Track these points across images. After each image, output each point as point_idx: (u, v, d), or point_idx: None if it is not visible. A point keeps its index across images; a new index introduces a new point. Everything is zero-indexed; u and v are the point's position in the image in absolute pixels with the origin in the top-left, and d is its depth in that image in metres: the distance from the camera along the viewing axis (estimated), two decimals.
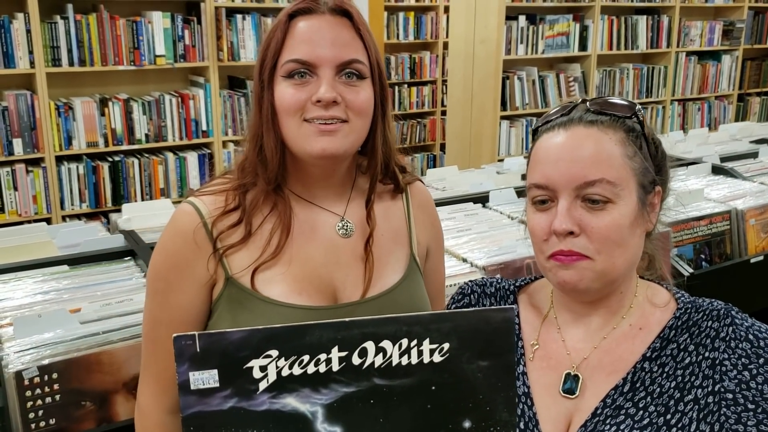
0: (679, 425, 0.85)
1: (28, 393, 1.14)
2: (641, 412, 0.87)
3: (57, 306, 1.33)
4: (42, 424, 1.15)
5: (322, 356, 0.70)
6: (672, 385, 0.88)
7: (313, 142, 0.96)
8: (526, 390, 0.93)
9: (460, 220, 1.99)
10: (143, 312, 1.05)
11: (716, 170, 2.47)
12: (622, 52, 5.02)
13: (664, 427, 0.85)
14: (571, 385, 0.91)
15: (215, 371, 0.69)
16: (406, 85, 5.75)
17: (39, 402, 1.15)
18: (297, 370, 0.69)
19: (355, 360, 0.70)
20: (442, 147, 5.80)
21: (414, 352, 0.70)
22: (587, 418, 0.88)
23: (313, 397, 0.70)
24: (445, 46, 5.42)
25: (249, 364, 0.69)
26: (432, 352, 0.71)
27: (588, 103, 0.91)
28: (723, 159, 2.62)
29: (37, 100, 3.48)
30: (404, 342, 0.70)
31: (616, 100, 0.91)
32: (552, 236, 0.87)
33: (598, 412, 0.88)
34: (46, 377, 1.16)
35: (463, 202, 2.13)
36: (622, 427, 0.86)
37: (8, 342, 1.20)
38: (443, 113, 5.72)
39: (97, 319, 1.30)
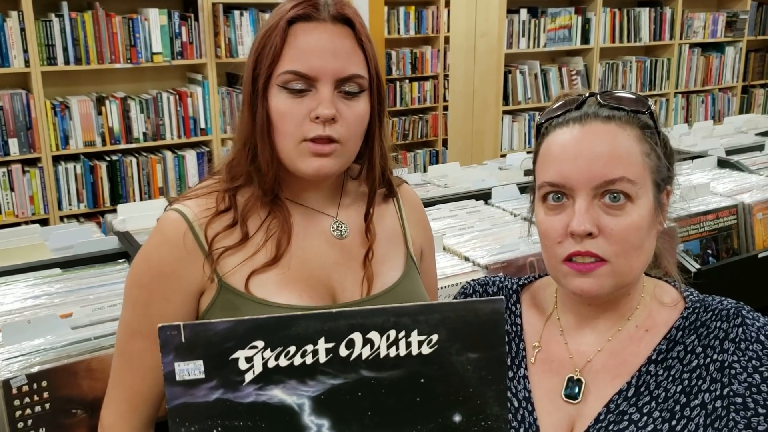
0: (685, 431, 0.81)
1: (17, 402, 1.11)
2: (645, 417, 0.83)
3: (48, 311, 1.30)
4: None
5: (309, 347, 0.69)
6: (678, 390, 0.84)
7: (307, 162, 0.94)
8: (527, 395, 0.89)
9: (461, 217, 1.95)
10: (118, 324, 1.00)
11: (722, 163, 2.43)
12: (625, 44, 4.97)
13: None
14: (573, 389, 0.87)
15: (201, 362, 0.68)
16: (407, 81, 5.71)
17: (28, 411, 1.11)
18: (283, 362, 0.69)
19: (343, 351, 0.69)
20: (444, 143, 5.77)
21: (402, 343, 0.69)
22: (590, 424, 0.85)
23: (299, 389, 0.69)
24: (447, 40, 5.37)
25: (234, 355, 0.68)
26: (420, 343, 0.70)
27: (598, 96, 0.88)
28: (729, 152, 2.58)
29: (32, 99, 3.45)
30: (392, 333, 0.69)
31: (626, 94, 0.88)
32: (567, 238, 0.83)
33: (601, 418, 0.85)
34: (35, 385, 1.12)
35: (465, 199, 2.09)
36: None
37: None
38: (445, 108, 5.69)
39: (89, 324, 1.27)
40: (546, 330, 0.94)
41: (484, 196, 2.10)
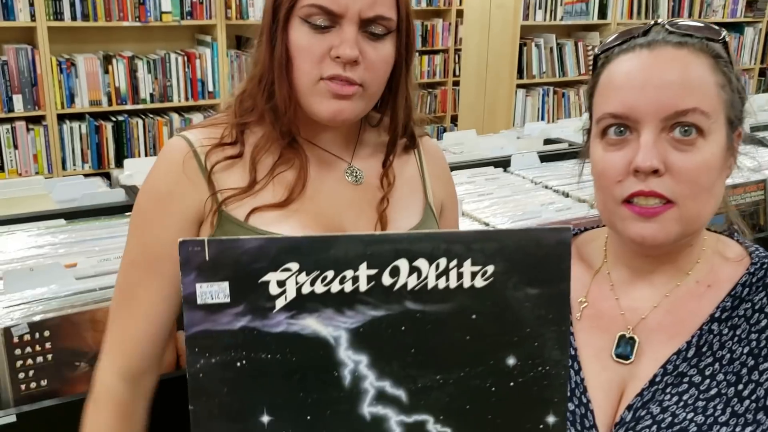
0: (753, 397, 0.74)
1: (18, 351, 1.05)
2: (708, 380, 0.76)
3: (51, 261, 1.24)
4: (33, 385, 1.07)
5: (349, 273, 0.60)
6: (745, 351, 0.76)
7: (326, 104, 0.89)
8: (573, 353, 0.82)
9: (480, 184, 1.89)
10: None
11: (746, 140, 2.36)
12: (643, 21, 4.83)
13: (735, 399, 0.74)
14: (625, 348, 0.80)
15: (226, 284, 0.60)
16: (417, 54, 5.61)
17: (29, 362, 1.06)
18: (319, 288, 0.60)
19: (386, 280, 0.61)
20: (453, 119, 5.67)
21: (453, 274, 0.61)
22: (644, 386, 0.78)
23: (336, 320, 0.61)
24: (459, 14, 5.26)
25: (265, 278, 0.60)
26: (473, 275, 0.61)
27: (666, 24, 0.80)
28: (753, 129, 2.50)
29: (38, 55, 3.37)
30: (442, 262, 0.61)
31: (695, 22, 0.80)
32: (629, 176, 0.75)
33: (657, 379, 0.77)
34: (37, 335, 1.06)
35: (483, 166, 2.03)
36: (685, 398, 0.75)
37: None
38: (455, 84, 5.59)
39: (94, 275, 1.21)
40: (594, 285, 0.86)
41: (502, 163, 2.04)
